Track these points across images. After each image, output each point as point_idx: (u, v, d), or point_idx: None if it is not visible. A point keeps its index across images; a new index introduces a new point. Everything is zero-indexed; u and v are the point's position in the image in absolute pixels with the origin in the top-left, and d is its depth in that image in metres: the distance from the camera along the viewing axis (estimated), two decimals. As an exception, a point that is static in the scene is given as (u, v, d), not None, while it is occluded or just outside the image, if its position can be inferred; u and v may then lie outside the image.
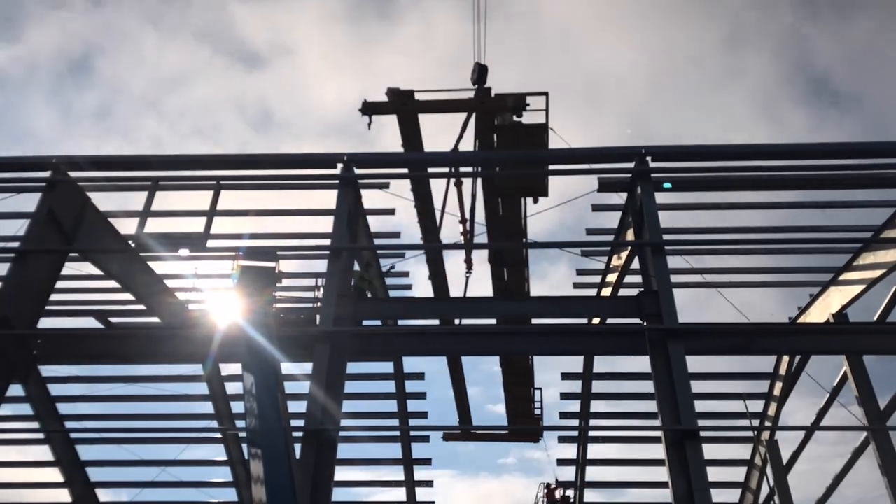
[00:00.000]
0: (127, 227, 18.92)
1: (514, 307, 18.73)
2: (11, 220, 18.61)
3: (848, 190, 19.01)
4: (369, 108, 17.92)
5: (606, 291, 21.27)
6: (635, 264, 18.73)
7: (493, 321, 18.93)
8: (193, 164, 19.12)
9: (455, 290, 21.93)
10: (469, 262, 20.41)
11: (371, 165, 18.57)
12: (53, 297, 18.54)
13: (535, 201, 19.12)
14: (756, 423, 25.49)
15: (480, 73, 19.83)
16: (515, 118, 17.75)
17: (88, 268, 19.57)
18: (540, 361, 23.29)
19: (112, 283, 20.54)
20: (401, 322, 19.04)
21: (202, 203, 18.43)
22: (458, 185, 19.93)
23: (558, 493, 23.16)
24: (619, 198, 18.45)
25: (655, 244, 16.30)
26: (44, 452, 26.18)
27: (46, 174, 17.92)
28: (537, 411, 24.73)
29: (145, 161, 19.31)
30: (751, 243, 21.45)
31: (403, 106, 17.88)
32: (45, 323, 17.96)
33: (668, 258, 16.36)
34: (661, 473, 18.01)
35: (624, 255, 19.56)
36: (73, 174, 18.26)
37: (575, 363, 25.95)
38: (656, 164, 17.63)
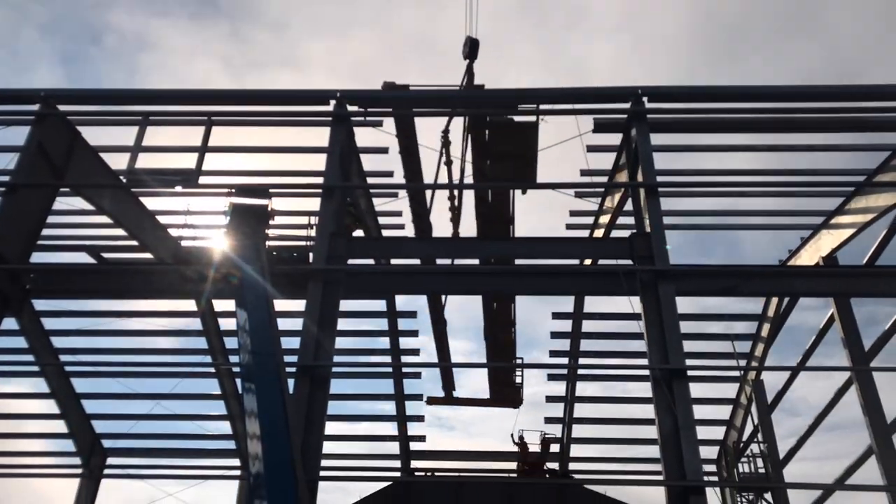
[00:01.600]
0: (118, 162, 18.78)
1: (506, 247, 18.75)
2: (0, 154, 18.44)
3: (843, 133, 18.94)
4: (366, 106, 17.99)
5: (599, 233, 21.34)
6: (629, 206, 18.74)
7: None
8: (184, 98, 18.87)
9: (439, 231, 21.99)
10: (456, 221, 20.38)
11: (364, 103, 18.36)
12: (45, 231, 18.48)
13: (524, 193, 19.25)
14: (743, 363, 25.95)
15: (472, 46, 19.62)
16: (507, 116, 17.73)
17: (80, 203, 19.49)
18: (531, 301, 23.51)
19: (104, 219, 20.47)
20: (393, 261, 19.10)
21: (194, 139, 18.26)
22: (446, 143, 19.91)
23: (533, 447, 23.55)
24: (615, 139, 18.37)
25: (649, 185, 16.29)
26: (39, 384, 26.56)
27: (35, 107, 17.68)
28: (518, 380, 25.14)
29: (135, 95, 19.07)
30: (744, 186, 21.44)
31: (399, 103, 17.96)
32: (37, 257, 17.97)
33: (662, 200, 16.35)
34: (648, 411, 18.40)
35: (617, 196, 19.57)
36: (62, 108, 18.02)
37: (566, 302, 26.24)
38: (652, 104, 17.48)
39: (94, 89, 19.41)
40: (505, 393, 25.33)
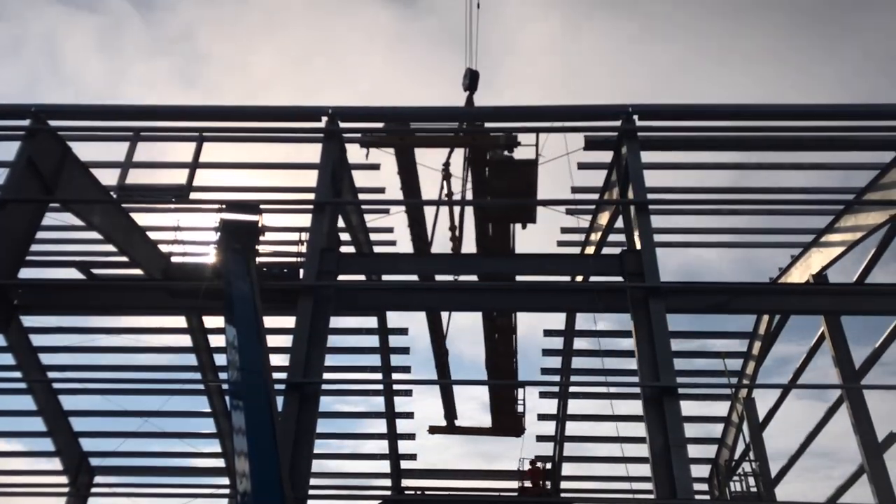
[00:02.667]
0: (108, 177, 18.73)
1: (497, 264, 18.74)
2: (-10, 169, 18.35)
3: (832, 152, 19.09)
4: (368, 142, 18.06)
5: (590, 250, 21.35)
6: (620, 223, 18.78)
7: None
8: (175, 114, 18.88)
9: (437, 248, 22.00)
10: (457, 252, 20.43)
11: (356, 119, 18.40)
12: (34, 247, 18.41)
13: (524, 227, 19.31)
14: (734, 380, 25.93)
15: (472, 78, 19.74)
16: (506, 153, 17.83)
17: (70, 218, 19.40)
18: (522, 320, 23.38)
19: (94, 234, 20.39)
20: (385, 278, 19.05)
21: (185, 155, 18.25)
22: (447, 177, 20.01)
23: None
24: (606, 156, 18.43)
25: (640, 203, 16.34)
26: (27, 402, 26.27)
27: (25, 122, 17.63)
28: (520, 408, 25.08)
29: (126, 111, 19.05)
30: (734, 203, 21.56)
31: (400, 140, 18.00)
32: (26, 273, 17.83)
33: (652, 217, 16.39)
34: (640, 429, 18.33)
35: (608, 213, 19.61)
36: (52, 122, 17.97)
37: (557, 320, 26.19)
38: (643, 122, 17.57)
39: (85, 105, 19.39)
40: (507, 422, 25.23)
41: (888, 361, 20.45)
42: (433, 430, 25.57)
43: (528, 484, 22.81)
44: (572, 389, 27.29)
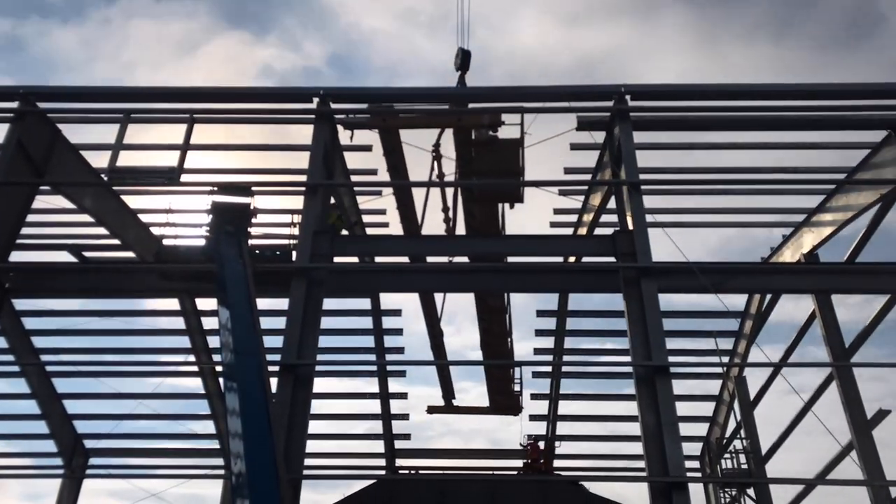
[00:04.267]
0: (99, 160, 18.62)
1: (490, 245, 18.76)
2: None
3: (824, 131, 19.12)
4: (350, 124, 17.96)
5: (583, 231, 21.40)
6: (612, 204, 18.81)
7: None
8: (166, 96, 18.75)
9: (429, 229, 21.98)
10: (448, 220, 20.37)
11: (348, 100, 18.32)
12: (25, 230, 18.32)
13: (511, 207, 19.28)
14: (725, 359, 26.12)
15: (464, 58, 19.59)
16: (491, 133, 17.75)
17: (60, 201, 19.32)
18: (516, 300, 23.46)
19: (85, 217, 20.32)
20: (377, 259, 19.07)
21: (176, 137, 18.15)
22: (438, 157, 19.93)
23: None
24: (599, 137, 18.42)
25: (632, 183, 16.35)
26: (20, 385, 26.29)
27: (14, 105, 17.50)
28: (516, 388, 25.21)
29: (116, 93, 18.91)
30: (726, 183, 21.60)
31: (383, 121, 17.92)
32: (17, 256, 17.79)
33: (644, 198, 16.42)
34: (632, 408, 18.46)
35: (601, 194, 19.62)
36: (42, 105, 17.85)
37: (550, 301, 26.29)
38: (635, 102, 17.55)
39: (75, 86, 19.25)
40: (504, 401, 25.36)
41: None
42: (431, 409, 25.71)
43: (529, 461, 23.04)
44: (565, 369, 27.45)
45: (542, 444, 24.14)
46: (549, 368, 27.45)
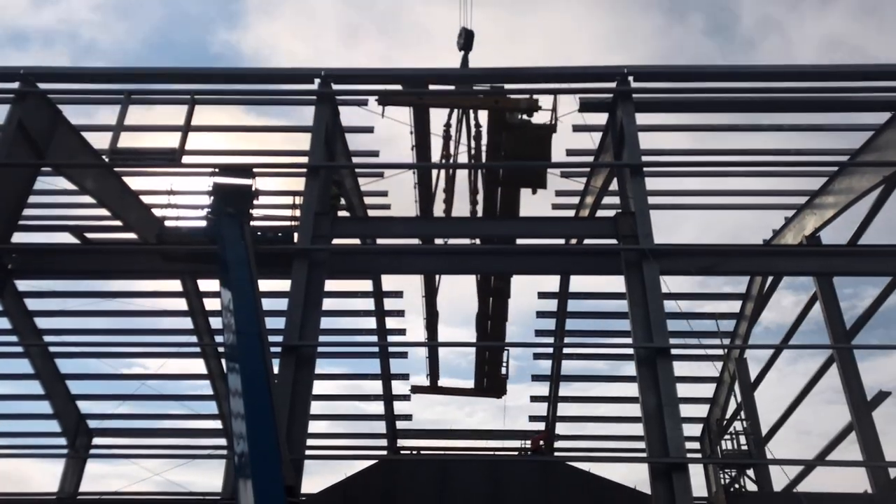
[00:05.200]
0: (100, 141, 18.58)
1: (491, 227, 18.77)
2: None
3: (827, 113, 19.03)
4: (386, 99, 17.81)
5: (585, 213, 21.38)
6: (614, 186, 18.78)
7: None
8: (167, 77, 18.69)
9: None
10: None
11: (349, 81, 18.24)
12: (27, 212, 18.32)
13: (534, 192, 19.20)
14: (727, 341, 26.17)
15: (467, 38, 19.44)
16: (524, 117, 17.65)
17: (62, 182, 19.31)
18: (516, 282, 23.44)
19: (87, 199, 20.31)
20: (379, 241, 19.09)
21: (177, 118, 18.10)
22: (447, 137, 19.86)
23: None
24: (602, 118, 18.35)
25: (634, 165, 16.31)
26: (24, 365, 26.39)
27: (15, 85, 17.44)
28: (504, 371, 25.32)
29: (117, 73, 18.85)
30: (728, 165, 21.53)
31: (419, 99, 17.73)
32: (19, 238, 17.80)
33: (646, 180, 16.38)
34: (633, 389, 18.54)
35: (603, 176, 19.58)
36: (42, 86, 17.79)
37: (552, 282, 26.29)
38: (638, 84, 17.47)
39: (76, 67, 19.26)
40: (490, 383, 25.46)
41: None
42: (415, 389, 25.86)
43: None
44: (566, 351, 27.50)
45: (542, 443, 24.39)
46: (550, 350, 27.50)
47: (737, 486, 23.49)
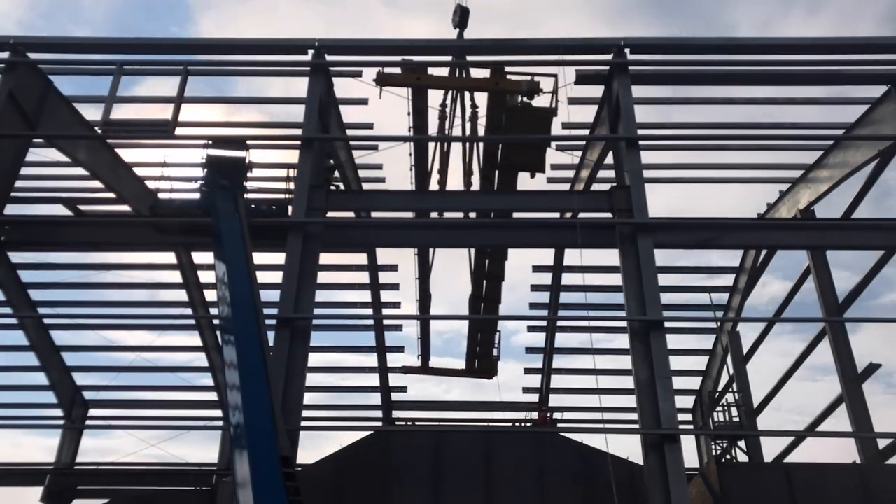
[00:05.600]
0: (92, 113, 18.44)
1: (486, 201, 18.72)
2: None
3: (823, 86, 18.98)
4: (384, 80, 17.58)
5: (580, 186, 21.33)
6: (610, 159, 18.71)
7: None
8: (159, 48, 18.49)
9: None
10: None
11: (343, 52, 18.08)
12: (19, 183, 18.21)
13: (532, 176, 19.05)
14: (719, 314, 26.31)
15: (462, 15, 19.20)
16: (525, 100, 17.42)
17: (54, 154, 19.17)
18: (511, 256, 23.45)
19: (80, 171, 20.19)
20: (374, 215, 19.05)
21: (169, 90, 17.97)
22: (443, 117, 19.67)
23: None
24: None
25: (629, 138, 16.26)
26: (19, 337, 26.44)
27: (5, 55, 17.23)
28: (495, 352, 25.39)
29: (109, 44, 18.65)
30: (724, 139, 21.49)
31: (417, 80, 17.58)
32: (11, 210, 17.71)
33: (642, 153, 16.34)
34: (626, 361, 18.65)
35: (598, 149, 19.52)
36: (33, 56, 17.58)
37: (546, 255, 26.34)
38: (634, 56, 17.35)
39: (67, 37, 19.02)
40: (481, 364, 25.58)
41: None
42: (406, 370, 26.02)
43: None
44: (560, 324, 27.62)
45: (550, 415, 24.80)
46: (544, 323, 27.62)
47: (728, 456, 23.77)
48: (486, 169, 19.40)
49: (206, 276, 25.72)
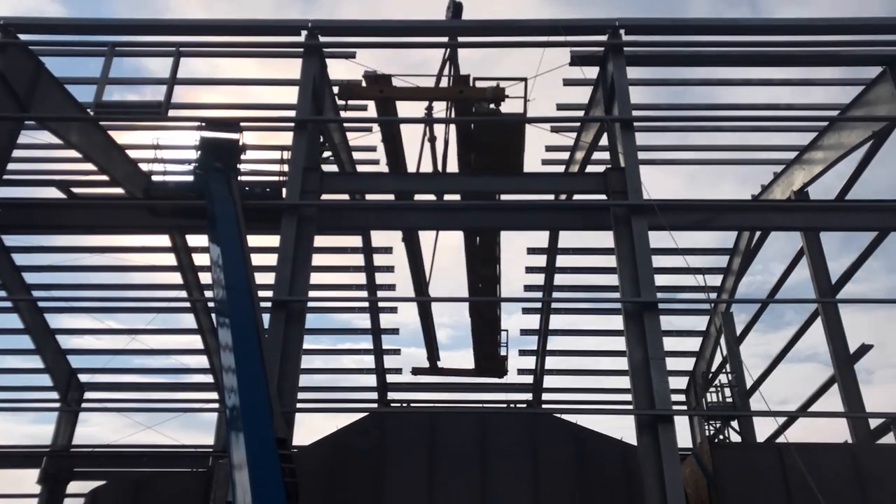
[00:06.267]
0: (84, 95, 18.30)
1: (481, 183, 18.66)
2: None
3: (817, 68, 18.95)
4: (346, 93, 17.40)
5: (574, 168, 21.32)
6: (604, 141, 18.69)
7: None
8: (151, 29, 18.35)
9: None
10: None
11: (337, 33, 17.97)
12: (11, 166, 18.10)
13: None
14: (713, 295, 26.41)
15: (455, 11, 19.03)
16: (492, 107, 17.09)
17: (46, 136, 19.06)
18: (505, 239, 23.42)
19: (73, 153, 20.09)
20: (368, 197, 19.01)
21: (162, 71, 17.83)
22: (432, 140, 19.57)
23: None
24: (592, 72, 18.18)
25: (624, 120, 16.23)
26: (14, 320, 26.40)
27: (-6, 37, 17.09)
28: (503, 351, 25.35)
29: (101, 25, 18.48)
30: (718, 120, 21.47)
31: (381, 93, 17.36)
32: (4, 192, 17.64)
33: (637, 134, 16.31)
34: (620, 343, 18.73)
35: (593, 131, 19.49)
36: (23, 37, 17.44)
37: (541, 238, 26.35)
38: (629, 37, 17.29)
39: (58, 18, 18.87)
40: (490, 364, 25.57)
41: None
42: (416, 371, 26.05)
43: None
44: (554, 306, 27.69)
45: None
46: (538, 305, 27.69)
47: (721, 437, 23.97)
48: (463, 168, 19.20)
49: (200, 259, 25.72)
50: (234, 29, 18.44)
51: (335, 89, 18.00)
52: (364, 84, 17.47)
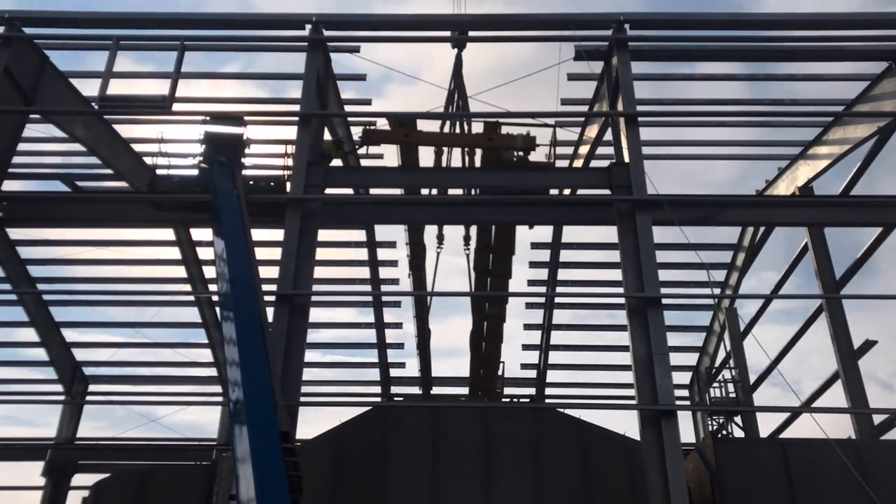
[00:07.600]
0: (89, 88, 18.33)
1: (485, 178, 18.66)
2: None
3: (823, 62, 18.87)
4: (370, 138, 17.26)
5: (579, 163, 21.29)
6: (608, 136, 18.65)
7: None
8: (155, 22, 18.35)
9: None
10: None
11: (342, 27, 17.95)
12: (17, 159, 18.16)
13: (531, 227, 18.80)
14: (717, 291, 26.37)
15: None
16: (521, 155, 16.96)
17: (51, 130, 19.10)
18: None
19: (78, 147, 20.12)
20: (372, 191, 19.01)
21: (166, 65, 17.86)
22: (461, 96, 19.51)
23: None
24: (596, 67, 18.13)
25: (629, 115, 16.20)
26: (19, 313, 26.51)
27: (0, 30, 17.09)
28: (499, 390, 25.30)
29: (106, 18, 18.49)
30: (723, 115, 21.41)
31: (406, 137, 17.26)
32: (9, 186, 17.67)
33: (641, 129, 16.28)
34: (624, 338, 18.73)
35: (597, 126, 19.45)
36: (28, 30, 17.45)
37: (545, 233, 26.34)
38: (634, 32, 17.25)
39: (63, 11, 18.74)
40: (484, 385, 25.52)
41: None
42: (406, 399, 26.15)
43: None
44: (558, 300, 27.69)
45: None
46: (542, 300, 27.68)
47: (724, 432, 23.94)
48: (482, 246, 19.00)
49: (204, 253, 25.74)
50: (238, 23, 18.44)
51: (355, 136, 17.77)
52: (389, 128, 17.34)
